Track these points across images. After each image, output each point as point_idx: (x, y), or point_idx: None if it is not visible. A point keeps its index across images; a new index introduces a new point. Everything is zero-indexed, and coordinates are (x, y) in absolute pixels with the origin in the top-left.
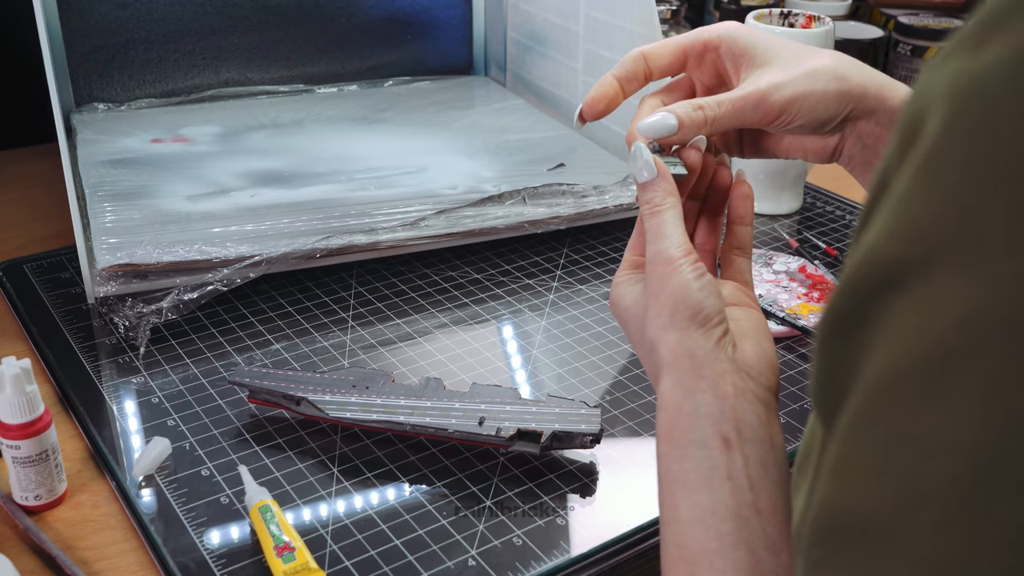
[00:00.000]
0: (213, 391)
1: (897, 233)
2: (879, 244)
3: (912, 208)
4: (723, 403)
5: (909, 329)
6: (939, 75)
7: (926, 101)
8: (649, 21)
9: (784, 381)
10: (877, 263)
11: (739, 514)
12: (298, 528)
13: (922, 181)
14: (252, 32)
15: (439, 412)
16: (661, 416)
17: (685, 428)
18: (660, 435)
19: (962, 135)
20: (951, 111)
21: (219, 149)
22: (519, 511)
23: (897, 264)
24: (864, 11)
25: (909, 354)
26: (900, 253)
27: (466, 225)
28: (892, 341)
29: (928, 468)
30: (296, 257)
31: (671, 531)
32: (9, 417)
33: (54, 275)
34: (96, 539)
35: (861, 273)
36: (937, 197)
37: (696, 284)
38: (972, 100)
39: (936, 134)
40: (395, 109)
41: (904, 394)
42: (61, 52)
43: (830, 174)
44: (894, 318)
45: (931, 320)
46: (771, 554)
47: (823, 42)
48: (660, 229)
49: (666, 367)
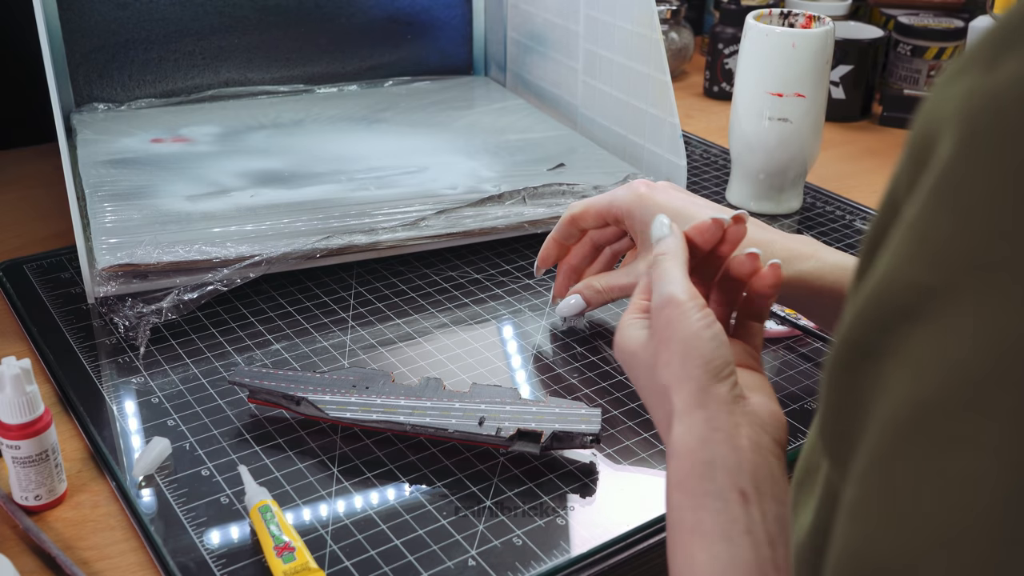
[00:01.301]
0: (213, 391)
1: (914, 259)
2: (894, 271)
3: (929, 233)
4: (739, 455)
5: (930, 360)
6: (950, 94)
7: (936, 122)
8: (649, 21)
9: (784, 381)
10: (892, 291)
11: (760, 569)
12: (298, 528)
13: (939, 204)
14: (252, 32)
15: (439, 412)
16: (673, 464)
17: (700, 478)
18: (672, 483)
19: (980, 156)
20: (966, 131)
21: (219, 149)
22: (519, 511)
23: (915, 291)
24: (864, 11)
25: (931, 387)
26: (918, 280)
27: (466, 225)
28: (911, 374)
29: (956, 508)
30: (296, 257)
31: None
32: (9, 417)
33: (54, 275)
34: (96, 539)
35: (874, 302)
36: (956, 221)
37: (707, 333)
38: (988, 119)
39: (950, 155)
40: (395, 109)
41: (927, 430)
42: (61, 52)
43: (830, 174)
44: (912, 349)
45: (954, 350)
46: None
47: (823, 42)
48: (665, 274)
49: (678, 415)
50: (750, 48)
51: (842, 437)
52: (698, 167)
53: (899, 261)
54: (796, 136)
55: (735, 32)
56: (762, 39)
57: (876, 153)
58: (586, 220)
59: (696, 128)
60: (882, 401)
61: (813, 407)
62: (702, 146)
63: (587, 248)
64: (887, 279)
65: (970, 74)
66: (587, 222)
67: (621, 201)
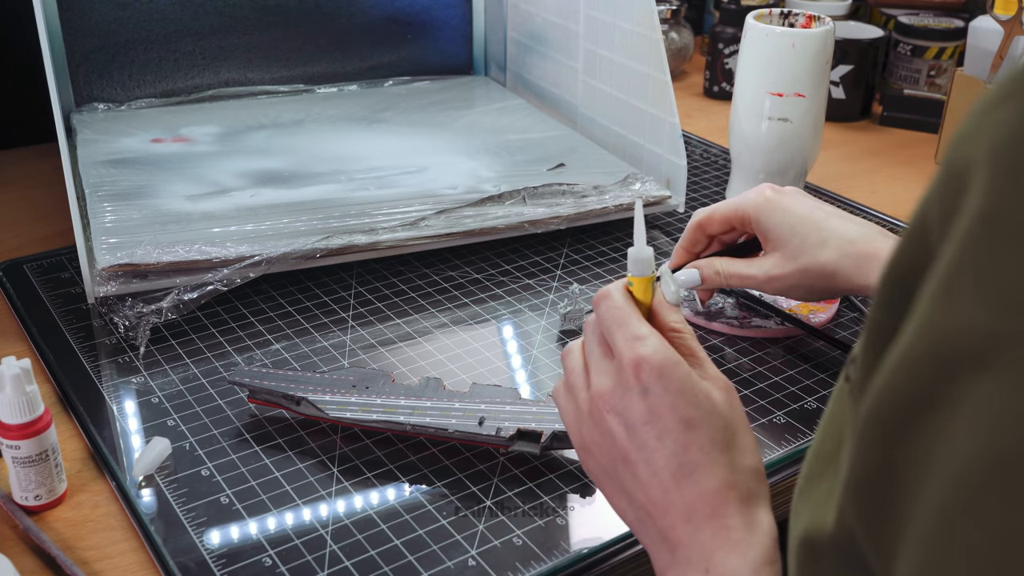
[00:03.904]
0: (213, 391)
1: (975, 301)
2: (950, 316)
3: (991, 273)
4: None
5: (1005, 410)
6: (990, 121)
7: (976, 149)
8: (649, 21)
9: (784, 381)
10: (951, 338)
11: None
12: (298, 528)
13: (998, 242)
14: (252, 32)
15: (439, 412)
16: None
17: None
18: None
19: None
20: (1013, 165)
21: (219, 149)
22: (519, 511)
23: (981, 337)
24: (864, 11)
25: (1010, 438)
26: (984, 324)
27: (466, 225)
28: (983, 426)
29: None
30: (296, 257)
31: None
32: (9, 417)
33: (54, 275)
34: (96, 539)
35: (929, 350)
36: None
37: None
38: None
39: (993, 190)
40: (395, 109)
41: (1007, 483)
42: (61, 52)
43: (830, 174)
44: (982, 399)
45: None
46: None
47: (823, 42)
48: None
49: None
50: (750, 48)
51: (888, 496)
52: (698, 167)
53: (954, 303)
54: (796, 136)
55: (735, 32)
56: (762, 39)
57: (876, 153)
58: (712, 225)
59: (696, 128)
60: (945, 455)
61: (813, 407)
62: (702, 146)
63: (715, 249)
64: (942, 324)
65: (1014, 102)
66: (713, 227)
67: (749, 204)
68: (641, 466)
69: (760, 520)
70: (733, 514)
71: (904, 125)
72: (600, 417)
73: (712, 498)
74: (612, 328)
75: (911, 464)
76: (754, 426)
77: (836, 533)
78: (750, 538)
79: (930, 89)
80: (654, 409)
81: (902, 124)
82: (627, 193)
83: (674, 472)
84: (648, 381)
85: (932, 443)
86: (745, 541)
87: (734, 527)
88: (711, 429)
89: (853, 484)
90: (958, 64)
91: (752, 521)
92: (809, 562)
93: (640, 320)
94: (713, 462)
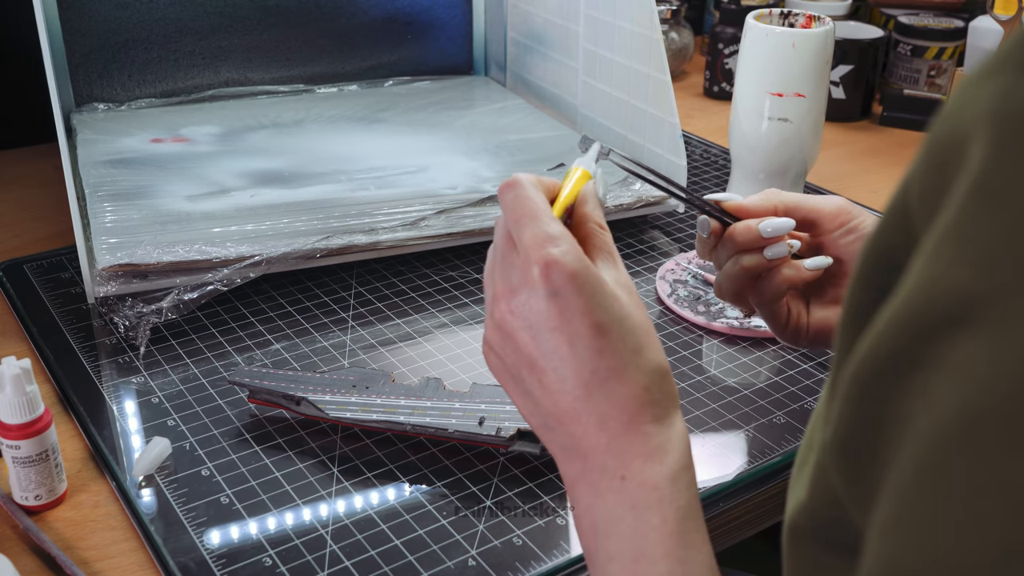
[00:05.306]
0: (213, 391)
1: (958, 264)
2: (933, 278)
3: (974, 237)
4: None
5: (986, 366)
6: (978, 95)
7: (964, 124)
8: (649, 21)
9: (784, 381)
10: (933, 298)
11: None
12: (298, 528)
13: (983, 207)
14: (252, 32)
15: (439, 412)
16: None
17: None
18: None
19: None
20: (1007, 131)
21: (219, 149)
22: (519, 511)
23: (961, 297)
24: (864, 11)
25: (989, 394)
26: (965, 285)
27: (466, 225)
28: (961, 383)
29: (1020, 516)
30: (296, 257)
31: None
32: (9, 417)
33: (54, 275)
34: (96, 539)
35: (912, 310)
36: (1006, 223)
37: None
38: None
39: (989, 156)
40: (395, 109)
41: (985, 438)
42: (61, 52)
43: (830, 174)
44: (961, 357)
45: (1014, 353)
46: None
47: (823, 42)
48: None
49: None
50: (750, 48)
51: (868, 452)
52: (698, 167)
53: (939, 267)
54: (796, 136)
55: (735, 32)
56: (762, 39)
57: (876, 153)
58: (792, 209)
59: (696, 128)
60: (925, 412)
61: (813, 407)
62: (702, 146)
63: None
64: (926, 286)
65: (1003, 75)
66: (794, 212)
67: (843, 250)
68: (549, 373)
69: (675, 423)
70: (649, 420)
71: (904, 125)
72: (503, 318)
73: (628, 404)
74: (521, 222)
75: (893, 420)
76: (754, 426)
77: (813, 504)
78: (666, 444)
79: (930, 89)
80: (563, 314)
81: (902, 124)
82: (627, 193)
83: (587, 380)
84: (559, 284)
85: (914, 400)
86: (662, 448)
87: (651, 433)
88: (623, 333)
89: (836, 441)
90: (958, 64)
91: (667, 425)
92: (793, 546)
93: (551, 217)
94: (626, 366)
